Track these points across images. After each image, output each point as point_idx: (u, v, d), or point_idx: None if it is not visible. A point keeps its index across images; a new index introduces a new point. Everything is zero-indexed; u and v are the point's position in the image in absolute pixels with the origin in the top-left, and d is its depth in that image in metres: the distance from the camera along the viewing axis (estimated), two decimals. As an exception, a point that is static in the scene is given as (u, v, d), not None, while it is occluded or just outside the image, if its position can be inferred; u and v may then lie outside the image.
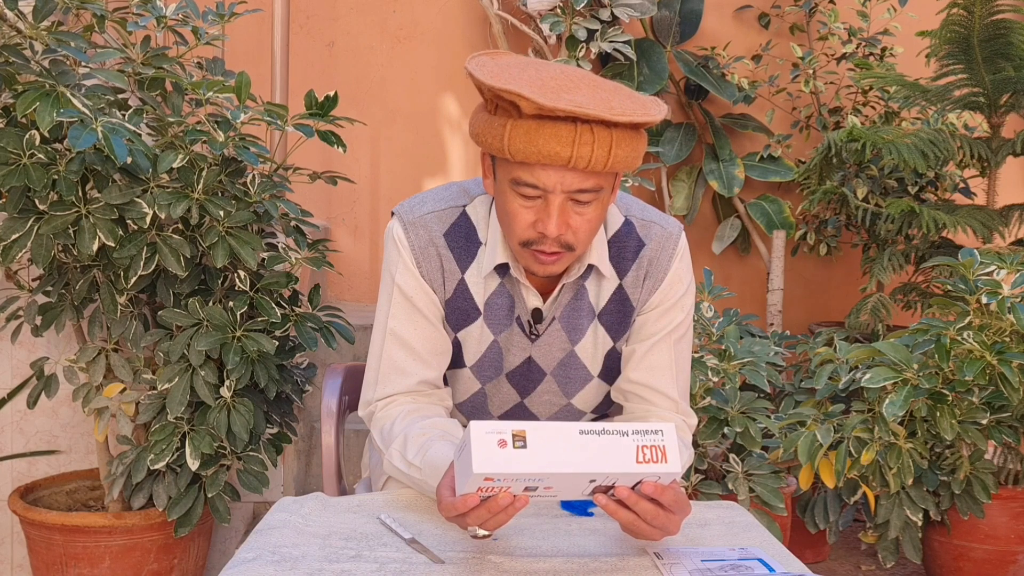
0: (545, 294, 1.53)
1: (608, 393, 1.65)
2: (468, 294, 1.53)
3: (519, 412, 1.64)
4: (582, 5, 3.50)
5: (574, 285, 1.54)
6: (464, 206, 1.54)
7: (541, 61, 1.47)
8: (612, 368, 1.60)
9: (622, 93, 1.36)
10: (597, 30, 3.57)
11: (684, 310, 1.57)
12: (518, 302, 1.54)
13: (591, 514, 1.42)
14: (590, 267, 1.52)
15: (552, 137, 1.29)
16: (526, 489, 1.16)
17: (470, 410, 1.66)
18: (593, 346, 1.57)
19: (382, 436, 1.50)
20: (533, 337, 1.56)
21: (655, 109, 1.34)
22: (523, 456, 1.12)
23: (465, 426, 1.69)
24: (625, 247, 1.54)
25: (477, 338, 1.55)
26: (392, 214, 1.56)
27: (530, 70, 1.34)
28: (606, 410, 1.70)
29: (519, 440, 1.13)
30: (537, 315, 1.54)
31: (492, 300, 1.53)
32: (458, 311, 1.54)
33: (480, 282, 1.53)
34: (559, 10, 3.58)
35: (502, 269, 1.52)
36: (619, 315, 1.56)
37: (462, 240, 1.52)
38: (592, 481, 1.18)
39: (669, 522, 1.23)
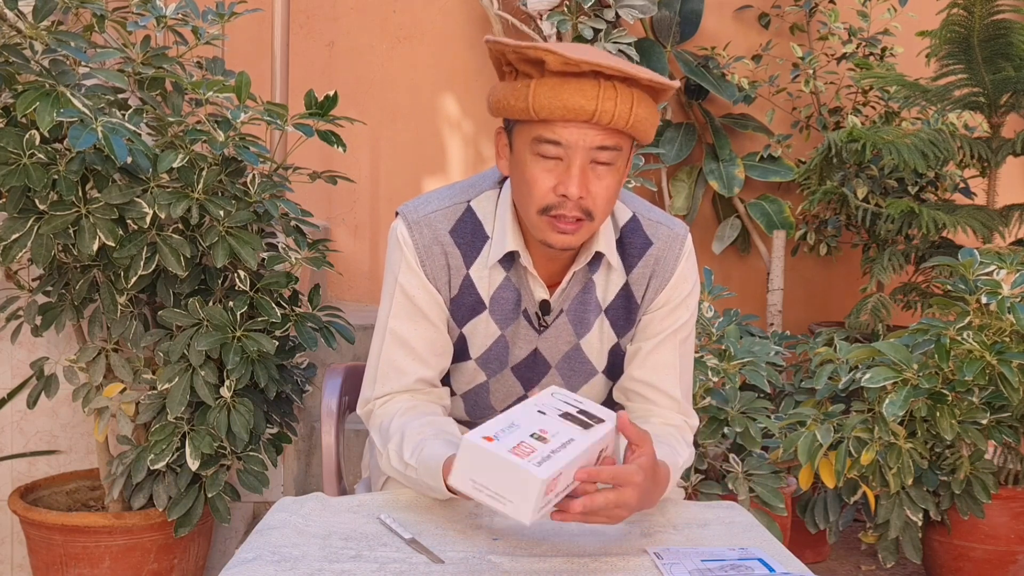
0: (552, 287, 1.54)
1: (610, 392, 1.66)
2: (473, 289, 1.53)
3: None
4: (588, 5, 3.51)
5: (583, 278, 1.54)
6: (469, 201, 1.54)
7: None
8: (616, 365, 1.61)
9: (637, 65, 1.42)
10: (602, 30, 3.58)
11: (689, 309, 1.58)
12: (525, 295, 1.54)
13: None
14: (598, 257, 1.53)
15: (577, 91, 1.33)
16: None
17: (472, 401, 1.67)
18: (599, 341, 1.58)
19: (380, 435, 1.51)
20: (541, 329, 1.56)
21: (670, 81, 1.39)
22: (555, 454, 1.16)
23: (465, 420, 1.70)
24: (632, 242, 1.55)
25: (483, 332, 1.56)
26: (396, 214, 1.56)
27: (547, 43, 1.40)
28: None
29: (539, 439, 1.17)
30: (545, 307, 1.54)
31: (497, 294, 1.54)
32: (464, 306, 1.54)
33: (485, 275, 1.53)
34: (565, 8, 3.58)
35: (508, 262, 1.52)
36: (624, 311, 1.56)
37: (468, 236, 1.52)
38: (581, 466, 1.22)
39: (629, 497, 1.25)
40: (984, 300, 2.48)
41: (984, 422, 2.54)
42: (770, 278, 3.84)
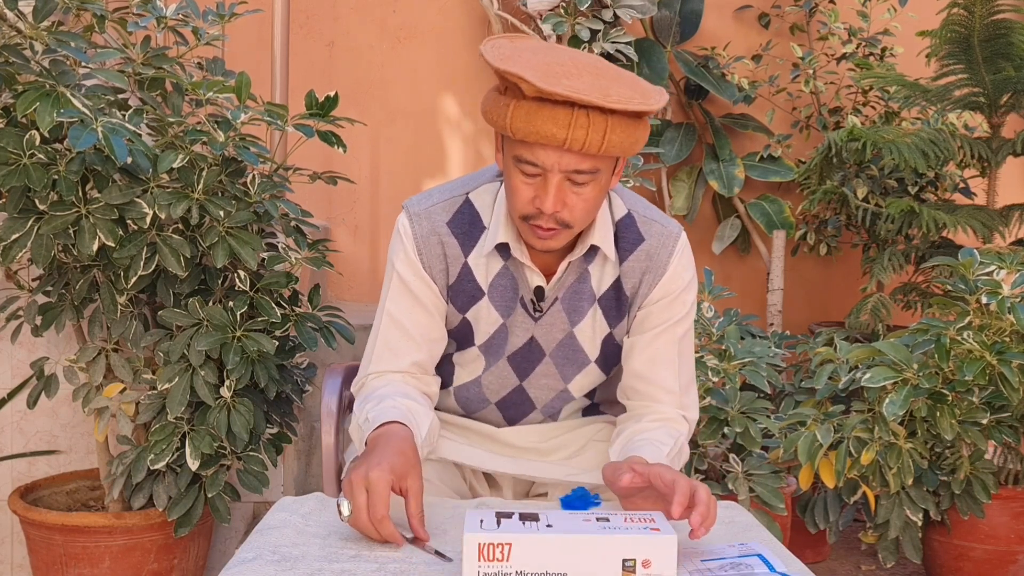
0: (548, 275, 1.57)
1: (599, 385, 1.68)
2: (471, 276, 1.58)
3: (517, 396, 1.67)
4: (585, 6, 3.50)
5: (578, 268, 1.57)
6: (467, 193, 1.59)
7: (556, 46, 1.53)
8: (609, 355, 1.63)
9: (624, 81, 1.39)
10: (599, 30, 3.58)
11: (686, 306, 1.61)
12: (521, 283, 1.58)
13: (597, 503, 1.44)
14: (594, 248, 1.55)
15: (549, 119, 1.34)
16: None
17: (465, 398, 1.69)
18: (592, 330, 1.61)
19: (360, 401, 1.54)
20: (536, 315, 1.59)
21: (655, 98, 1.38)
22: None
23: (459, 414, 1.71)
24: (625, 237, 1.58)
25: (486, 319, 1.60)
26: (403, 207, 1.61)
27: (540, 54, 1.39)
28: (595, 398, 1.74)
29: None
30: (539, 293, 1.57)
31: (496, 282, 1.58)
32: (463, 293, 1.58)
33: (483, 263, 1.57)
34: (562, 10, 3.58)
35: (504, 252, 1.56)
36: (615, 301, 1.59)
37: (466, 226, 1.57)
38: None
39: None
40: (984, 300, 2.48)
41: (984, 422, 2.54)
42: (770, 278, 3.84)
